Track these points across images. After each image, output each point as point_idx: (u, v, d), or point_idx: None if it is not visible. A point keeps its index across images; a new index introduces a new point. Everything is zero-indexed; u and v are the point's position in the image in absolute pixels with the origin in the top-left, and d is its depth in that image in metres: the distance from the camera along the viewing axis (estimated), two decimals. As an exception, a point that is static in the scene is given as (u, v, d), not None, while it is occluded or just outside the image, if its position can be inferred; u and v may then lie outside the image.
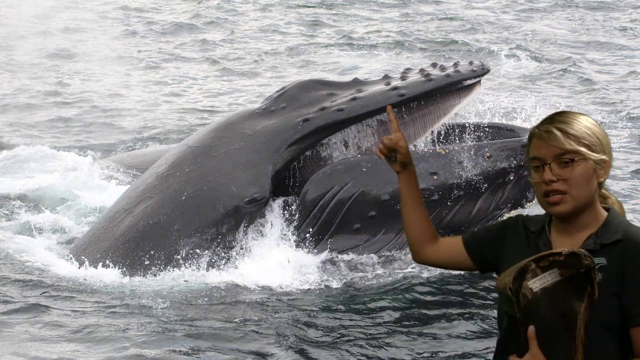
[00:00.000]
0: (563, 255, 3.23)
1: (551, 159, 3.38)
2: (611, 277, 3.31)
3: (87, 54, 17.43)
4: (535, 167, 3.43)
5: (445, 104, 7.93)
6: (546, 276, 3.23)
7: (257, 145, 7.51)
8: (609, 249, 3.35)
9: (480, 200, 7.68)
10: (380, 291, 7.17)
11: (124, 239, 7.39)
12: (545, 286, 3.23)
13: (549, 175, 3.38)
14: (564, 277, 3.23)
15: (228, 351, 6.10)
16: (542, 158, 3.40)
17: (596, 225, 3.43)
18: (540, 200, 3.46)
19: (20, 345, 6.15)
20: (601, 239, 3.38)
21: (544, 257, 3.25)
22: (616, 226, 3.41)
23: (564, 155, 3.37)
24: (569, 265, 3.23)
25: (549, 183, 3.38)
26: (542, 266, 3.24)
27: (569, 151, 3.37)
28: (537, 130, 3.44)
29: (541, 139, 3.41)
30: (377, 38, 18.33)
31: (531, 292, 3.22)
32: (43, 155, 10.95)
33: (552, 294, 3.22)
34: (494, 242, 3.58)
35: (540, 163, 3.41)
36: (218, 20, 20.22)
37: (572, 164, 3.37)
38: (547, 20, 19.66)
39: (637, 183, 9.97)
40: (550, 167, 3.38)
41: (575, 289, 3.23)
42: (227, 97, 14.81)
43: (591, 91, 14.07)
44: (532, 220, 3.56)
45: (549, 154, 3.39)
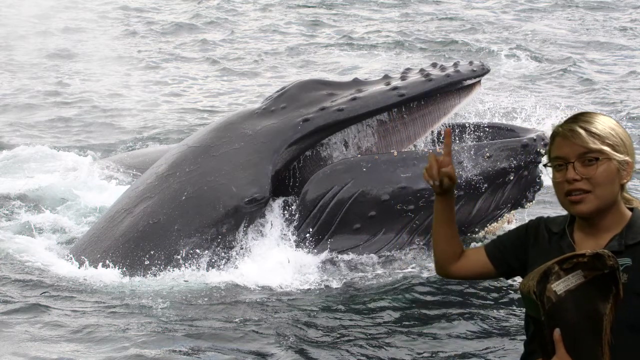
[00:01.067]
0: (587, 257, 3.21)
1: (574, 158, 3.37)
2: (637, 277, 3.29)
3: (87, 54, 17.44)
4: (557, 167, 3.42)
5: (445, 104, 7.93)
6: (570, 278, 3.22)
7: (257, 145, 7.51)
8: (634, 249, 3.34)
9: (480, 200, 7.68)
10: (380, 291, 7.16)
11: (124, 239, 7.39)
12: (569, 288, 3.21)
13: (572, 174, 3.37)
14: (587, 278, 3.21)
15: (228, 351, 6.10)
16: (565, 157, 3.39)
17: (620, 226, 3.41)
18: (562, 200, 3.44)
19: (20, 345, 6.15)
20: (626, 239, 3.36)
21: (568, 259, 3.24)
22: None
23: (588, 154, 3.36)
24: (593, 267, 3.22)
25: (572, 182, 3.37)
26: (566, 268, 3.23)
27: (593, 150, 3.36)
28: (561, 129, 3.42)
29: (565, 138, 3.39)
30: (377, 38, 18.33)
31: (555, 295, 3.21)
32: (43, 155, 10.95)
33: (576, 296, 3.21)
34: (516, 248, 3.57)
35: (564, 162, 3.39)
36: (218, 20, 20.22)
37: (595, 163, 3.36)
38: (547, 20, 19.67)
39: (637, 183, 9.97)
40: (574, 165, 3.37)
41: (599, 290, 3.22)
42: (227, 97, 14.81)
43: (591, 91, 14.08)
44: (553, 222, 3.55)
45: (572, 152, 3.37)
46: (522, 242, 3.57)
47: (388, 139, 7.90)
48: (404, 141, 7.92)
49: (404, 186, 7.49)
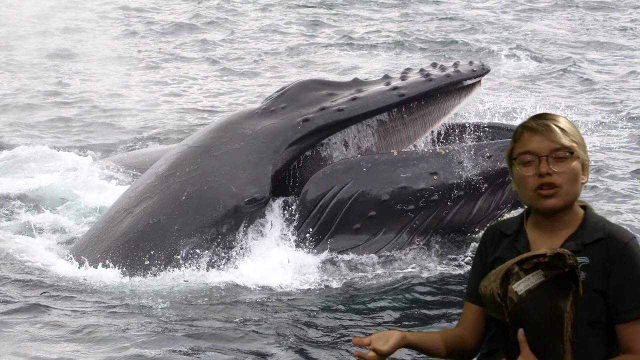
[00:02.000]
0: (548, 257, 3.27)
1: (547, 152, 3.40)
2: (595, 275, 3.35)
3: (87, 54, 17.43)
4: (526, 162, 3.43)
5: (445, 104, 7.92)
6: (530, 278, 3.27)
7: (257, 145, 7.51)
8: (591, 248, 3.39)
9: (480, 200, 7.68)
10: (380, 291, 7.17)
11: (124, 239, 7.39)
12: (529, 288, 3.26)
13: (546, 167, 3.40)
14: (547, 278, 3.26)
15: (228, 351, 6.10)
16: (537, 151, 3.41)
17: (574, 224, 3.46)
18: (529, 194, 3.44)
19: (20, 345, 6.15)
20: (582, 238, 3.42)
21: (527, 260, 3.29)
22: (595, 224, 3.45)
23: (561, 150, 3.40)
24: (554, 266, 3.27)
25: (544, 176, 3.39)
26: (526, 269, 3.28)
27: (566, 146, 3.41)
28: (533, 124, 3.45)
29: (536, 133, 3.42)
30: (377, 38, 18.33)
31: (516, 296, 3.26)
32: (43, 155, 10.95)
33: (536, 296, 3.26)
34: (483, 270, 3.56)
35: (535, 157, 3.41)
36: (218, 20, 20.22)
37: (567, 159, 3.40)
38: (547, 20, 19.66)
39: (637, 183, 9.97)
40: (547, 160, 3.39)
41: (559, 289, 3.27)
42: (227, 97, 14.81)
43: (591, 91, 14.07)
44: (506, 224, 3.58)
45: (544, 147, 3.41)
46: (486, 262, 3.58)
47: (388, 139, 7.90)
48: (404, 141, 7.92)
49: (404, 186, 7.49)
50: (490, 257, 3.54)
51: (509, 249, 3.49)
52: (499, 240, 3.54)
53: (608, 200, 9.35)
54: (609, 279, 3.34)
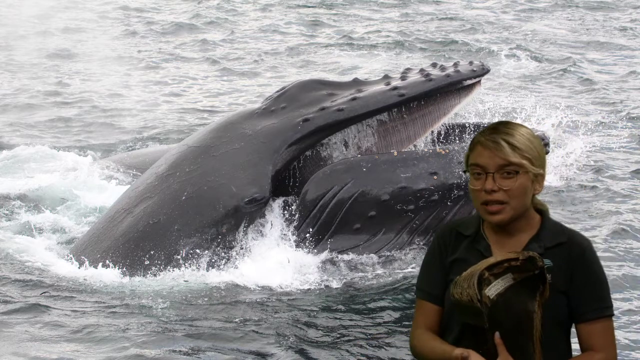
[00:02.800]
0: (520, 261, 3.34)
1: (494, 169, 3.45)
2: (559, 277, 3.44)
3: (87, 54, 17.43)
4: (476, 174, 3.48)
5: (445, 104, 7.93)
6: (499, 282, 3.34)
7: (257, 145, 7.51)
8: (553, 251, 3.47)
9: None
10: (380, 291, 7.17)
11: (124, 239, 7.39)
12: (499, 292, 3.33)
13: (491, 184, 3.45)
14: (516, 280, 3.34)
15: (228, 351, 6.10)
16: (485, 167, 3.46)
17: (532, 228, 3.53)
18: (477, 207, 3.52)
19: (20, 345, 6.15)
20: (544, 242, 3.49)
21: (498, 264, 3.35)
22: (554, 227, 3.54)
23: (508, 167, 3.45)
24: (524, 269, 3.35)
25: (490, 192, 3.45)
26: (496, 273, 3.34)
27: (514, 163, 3.45)
28: (483, 138, 3.48)
29: (486, 148, 3.46)
30: (377, 38, 18.33)
31: (489, 300, 3.32)
32: (43, 155, 10.95)
33: (506, 298, 3.33)
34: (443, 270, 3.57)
35: (483, 171, 3.47)
36: (218, 20, 20.22)
37: (515, 176, 3.45)
38: (547, 20, 19.66)
39: (637, 183, 9.97)
40: (493, 177, 3.44)
41: (527, 290, 3.34)
42: (227, 97, 14.80)
43: (591, 91, 14.07)
44: (464, 225, 3.61)
45: (492, 163, 3.45)
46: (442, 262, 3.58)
47: (388, 139, 7.90)
48: (404, 141, 7.92)
49: (404, 186, 7.49)
50: (449, 257, 3.56)
51: (470, 250, 3.53)
52: (457, 241, 3.57)
53: (608, 200, 9.35)
54: (571, 281, 3.45)
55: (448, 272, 3.53)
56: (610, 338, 3.48)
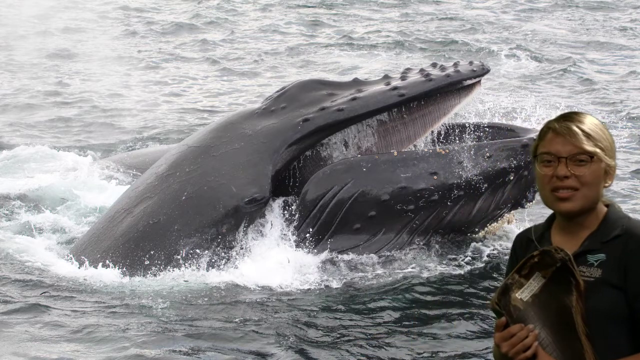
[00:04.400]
0: (536, 256, 3.30)
1: (567, 155, 3.39)
2: (612, 271, 3.35)
3: (87, 54, 17.43)
4: (546, 162, 3.44)
5: (445, 104, 7.92)
6: (532, 283, 3.31)
7: (257, 145, 7.51)
8: (609, 245, 3.39)
9: (480, 200, 7.68)
10: (380, 291, 7.17)
11: (124, 239, 7.39)
12: (534, 293, 3.30)
13: (564, 170, 3.39)
14: (547, 278, 3.30)
15: (228, 351, 6.10)
16: (557, 153, 3.41)
17: (595, 224, 3.45)
18: (547, 195, 3.44)
19: (20, 345, 6.15)
20: (600, 236, 3.41)
21: (523, 266, 3.32)
22: (615, 222, 3.44)
23: (581, 154, 3.39)
24: (547, 264, 3.30)
25: (562, 178, 3.39)
26: (525, 274, 3.31)
27: (587, 151, 3.39)
28: (556, 125, 3.43)
29: (559, 135, 3.41)
30: (377, 38, 18.33)
31: (522, 303, 3.29)
32: (43, 155, 10.95)
33: (542, 298, 3.29)
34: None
35: (555, 158, 3.41)
36: (218, 20, 20.22)
37: (587, 164, 3.39)
38: (547, 20, 19.66)
39: (637, 183, 9.97)
40: (566, 162, 3.39)
41: (561, 286, 3.29)
42: (227, 97, 14.81)
43: (591, 91, 14.07)
44: (533, 230, 3.57)
45: (565, 150, 3.40)
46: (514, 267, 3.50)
47: (388, 139, 7.90)
48: (404, 141, 7.92)
49: (404, 186, 7.49)
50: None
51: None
52: (527, 247, 3.53)
53: (608, 201, 9.33)
54: (626, 275, 3.34)
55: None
56: None
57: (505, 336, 3.30)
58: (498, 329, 3.33)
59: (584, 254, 3.39)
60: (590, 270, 3.36)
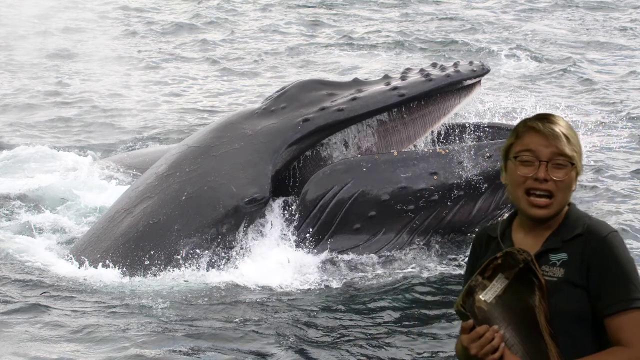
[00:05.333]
0: (499, 258, 3.31)
1: (547, 158, 3.36)
2: (575, 270, 3.35)
3: (87, 54, 17.42)
4: (524, 161, 3.39)
5: (445, 104, 7.93)
6: (495, 284, 3.32)
7: (257, 145, 7.51)
8: (570, 244, 3.38)
9: (480, 200, 7.69)
10: (380, 291, 7.17)
11: (124, 239, 7.39)
12: (498, 294, 3.31)
13: (544, 173, 3.35)
14: (510, 279, 3.31)
15: (228, 351, 6.10)
16: (538, 153, 3.37)
17: (557, 222, 3.44)
18: (520, 197, 3.40)
19: (20, 345, 6.15)
20: (562, 235, 3.40)
21: (486, 268, 3.33)
22: (575, 220, 3.43)
23: (562, 157, 3.36)
24: (509, 265, 3.31)
25: (541, 181, 3.36)
26: (488, 276, 3.32)
27: (568, 155, 3.37)
28: (539, 125, 3.39)
29: (542, 135, 3.37)
30: (377, 38, 18.32)
31: (486, 304, 3.31)
32: (43, 155, 10.95)
33: (506, 299, 3.30)
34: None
35: (535, 158, 3.37)
36: (218, 20, 20.21)
37: (565, 168, 3.36)
38: (547, 20, 19.66)
39: (637, 183, 9.96)
40: (547, 166, 3.36)
41: (524, 286, 3.31)
42: (227, 97, 14.80)
43: (591, 91, 14.07)
44: (493, 228, 3.55)
45: (547, 152, 3.36)
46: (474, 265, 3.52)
47: (388, 139, 7.90)
48: (404, 141, 7.92)
49: (404, 186, 7.49)
50: (479, 261, 3.50)
51: (496, 252, 3.45)
52: (487, 244, 3.52)
53: (608, 200, 9.35)
54: (588, 274, 3.34)
55: None
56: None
57: (473, 337, 3.28)
58: (465, 331, 3.31)
59: (545, 253, 3.39)
60: (553, 269, 3.36)
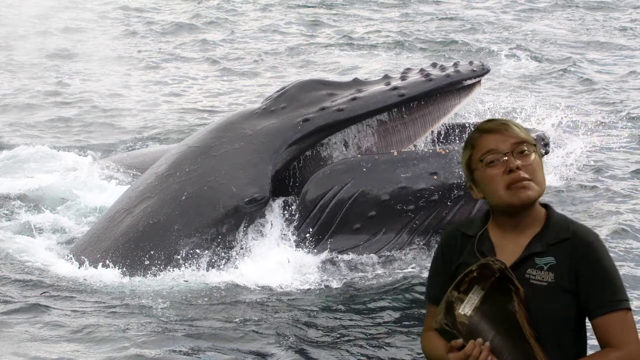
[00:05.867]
0: (475, 271, 3.32)
1: (510, 149, 3.42)
2: (563, 274, 3.37)
3: (87, 54, 17.43)
4: (490, 162, 3.43)
5: (445, 104, 7.93)
6: (472, 297, 3.33)
7: (257, 145, 7.51)
8: (556, 247, 3.40)
9: (480, 200, 7.68)
10: (380, 291, 7.17)
11: (124, 239, 7.39)
12: (475, 306, 3.32)
13: (514, 162, 3.40)
14: (486, 289, 3.32)
15: (228, 351, 6.10)
16: (500, 150, 3.42)
17: (538, 224, 3.45)
18: (501, 194, 3.42)
19: (20, 345, 6.15)
20: (547, 239, 3.42)
21: (461, 282, 3.34)
22: (560, 224, 3.45)
23: (522, 145, 3.43)
24: (485, 276, 3.32)
25: (515, 170, 3.39)
26: (463, 290, 3.33)
27: (527, 140, 3.44)
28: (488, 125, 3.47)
29: (496, 133, 3.44)
30: (377, 38, 18.33)
31: (467, 318, 3.31)
32: (43, 155, 10.95)
33: (485, 310, 3.31)
34: (449, 275, 3.48)
35: (500, 155, 3.42)
36: (218, 20, 20.22)
37: (530, 153, 3.43)
38: (547, 20, 19.66)
39: (637, 183, 9.97)
40: (512, 155, 3.41)
41: (501, 294, 3.32)
42: (227, 97, 14.81)
43: (591, 91, 14.07)
44: (468, 226, 3.56)
45: (506, 145, 3.42)
46: (448, 264, 3.51)
47: (388, 139, 7.90)
48: (404, 141, 7.92)
49: (404, 186, 7.49)
50: (455, 263, 3.49)
51: (472, 254, 3.45)
52: (462, 243, 3.51)
53: (608, 200, 9.35)
54: (577, 278, 3.37)
55: (455, 277, 3.43)
56: (628, 334, 3.33)
57: (461, 358, 3.28)
58: (452, 349, 3.31)
59: (531, 256, 3.40)
60: (541, 274, 3.38)
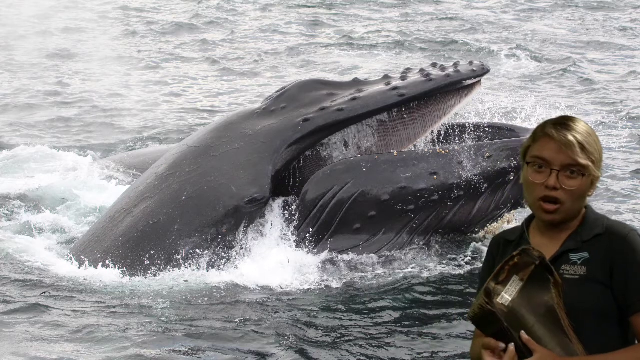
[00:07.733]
0: (516, 257, 3.33)
1: (559, 167, 3.37)
2: (597, 269, 3.38)
3: (87, 54, 17.42)
4: (537, 167, 3.40)
5: (445, 104, 7.93)
6: (510, 288, 3.33)
7: (257, 145, 7.51)
8: (591, 243, 3.41)
9: (480, 200, 7.68)
10: (380, 291, 7.17)
11: (124, 239, 7.39)
12: (514, 297, 3.32)
13: (555, 182, 3.37)
14: (525, 280, 3.32)
15: (228, 351, 6.10)
16: (550, 162, 3.37)
17: (575, 225, 3.47)
18: (532, 201, 3.43)
19: (20, 345, 6.15)
20: (581, 236, 3.43)
21: (500, 271, 3.34)
22: (594, 221, 3.46)
23: (574, 167, 3.37)
24: (525, 264, 3.32)
25: (551, 189, 3.37)
26: (502, 280, 3.33)
27: (581, 165, 3.37)
28: (553, 132, 3.38)
29: (556, 143, 3.37)
30: (377, 38, 18.32)
31: (505, 307, 3.31)
32: (43, 155, 10.94)
33: (523, 301, 3.32)
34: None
35: (547, 166, 3.38)
36: (218, 20, 20.21)
37: (578, 177, 3.37)
38: (547, 20, 19.66)
39: (637, 183, 9.97)
40: (558, 174, 3.36)
41: (539, 285, 3.33)
42: (227, 97, 14.81)
43: (591, 91, 14.07)
44: (509, 232, 3.58)
45: (559, 160, 3.37)
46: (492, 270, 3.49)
47: (388, 139, 7.90)
48: (404, 141, 7.92)
49: (404, 186, 7.49)
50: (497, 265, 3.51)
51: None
52: (505, 249, 3.53)
53: (608, 200, 9.35)
54: (612, 273, 3.36)
55: None
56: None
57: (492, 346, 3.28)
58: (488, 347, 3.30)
59: (566, 253, 3.41)
60: (574, 268, 3.39)
